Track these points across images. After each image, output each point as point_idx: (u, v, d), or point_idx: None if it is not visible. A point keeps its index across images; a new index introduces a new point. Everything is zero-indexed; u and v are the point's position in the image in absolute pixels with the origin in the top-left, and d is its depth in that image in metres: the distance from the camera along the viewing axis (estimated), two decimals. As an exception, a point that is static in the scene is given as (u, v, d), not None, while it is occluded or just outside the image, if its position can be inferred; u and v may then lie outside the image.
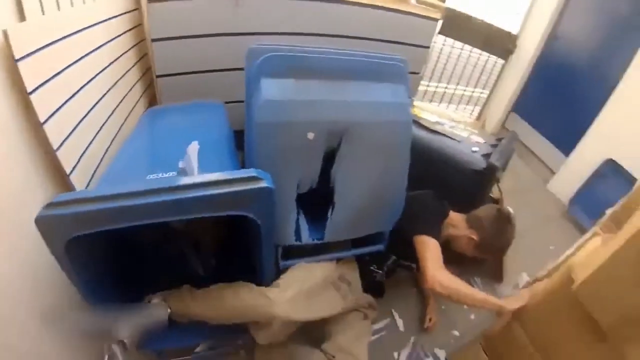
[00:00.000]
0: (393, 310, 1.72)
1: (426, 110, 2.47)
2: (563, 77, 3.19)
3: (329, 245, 1.40)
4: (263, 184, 1.00)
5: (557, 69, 3.24)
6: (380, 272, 1.56)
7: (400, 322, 1.70)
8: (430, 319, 1.74)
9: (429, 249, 1.44)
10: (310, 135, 1.21)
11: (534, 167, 3.36)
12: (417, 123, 2.06)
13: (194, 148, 1.18)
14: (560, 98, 3.22)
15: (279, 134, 1.19)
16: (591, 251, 1.29)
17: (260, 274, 1.28)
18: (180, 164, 1.12)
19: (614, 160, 2.60)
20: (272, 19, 2.00)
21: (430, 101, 3.52)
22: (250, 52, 1.21)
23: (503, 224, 1.60)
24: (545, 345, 1.25)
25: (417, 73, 2.76)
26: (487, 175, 1.79)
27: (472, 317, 1.86)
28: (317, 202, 1.34)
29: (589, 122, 2.81)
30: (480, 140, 2.06)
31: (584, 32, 3.10)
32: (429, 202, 1.65)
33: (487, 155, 1.88)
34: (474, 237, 1.57)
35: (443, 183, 1.86)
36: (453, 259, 1.56)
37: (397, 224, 1.50)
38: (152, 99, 2.14)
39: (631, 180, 2.38)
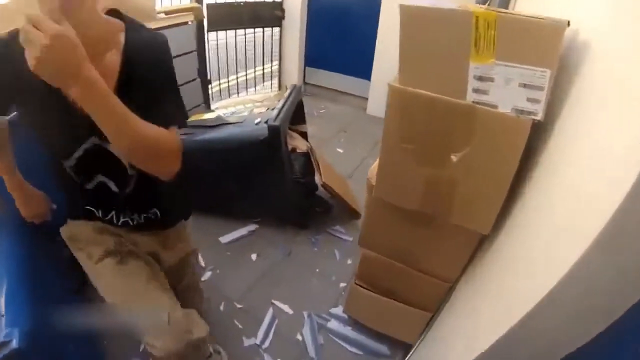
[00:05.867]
0: (272, 300, 1.68)
1: (222, 107, 2.48)
2: (336, 20, 3.47)
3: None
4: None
5: (327, 15, 3.50)
6: None
7: (285, 307, 1.66)
8: None
9: None
10: None
11: (349, 102, 3.62)
12: (197, 127, 1.97)
13: None
14: (341, 37, 3.50)
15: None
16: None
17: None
18: None
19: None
20: None
21: (229, 95, 3.51)
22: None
23: None
24: (392, 250, 1.32)
25: (196, 79, 2.76)
26: (274, 137, 1.79)
27: (349, 261, 1.92)
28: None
29: (373, 45, 3.21)
30: (263, 110, 2.08)
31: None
32: None
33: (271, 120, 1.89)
34: None
35: (242, 168, 1.88)
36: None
37: None
38: None
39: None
